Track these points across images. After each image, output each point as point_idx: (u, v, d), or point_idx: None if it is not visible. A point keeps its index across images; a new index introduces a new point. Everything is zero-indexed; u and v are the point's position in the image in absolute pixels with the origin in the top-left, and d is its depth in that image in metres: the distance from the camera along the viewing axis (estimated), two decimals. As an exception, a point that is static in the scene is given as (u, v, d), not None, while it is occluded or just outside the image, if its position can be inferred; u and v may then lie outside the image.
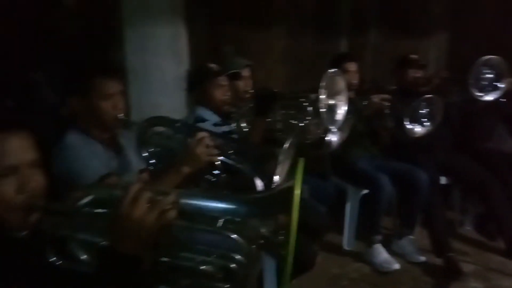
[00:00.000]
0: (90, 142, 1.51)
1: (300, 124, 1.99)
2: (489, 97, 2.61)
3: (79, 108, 1.50)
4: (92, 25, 2.36)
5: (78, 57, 1.66)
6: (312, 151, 2.11)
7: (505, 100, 2.77)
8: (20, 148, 0.92)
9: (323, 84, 1.88)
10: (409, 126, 2.54)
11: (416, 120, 2.58)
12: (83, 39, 2.33)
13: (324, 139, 2.30)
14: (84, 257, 0.97)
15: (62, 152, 1.45)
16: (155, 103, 2.34)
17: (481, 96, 2.59)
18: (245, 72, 2.48)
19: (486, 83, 2.60)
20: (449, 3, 3.69)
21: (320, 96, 1.87)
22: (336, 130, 2.30)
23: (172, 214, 0.83)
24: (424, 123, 2.58)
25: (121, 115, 1.52)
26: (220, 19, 3.07)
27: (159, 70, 2.34)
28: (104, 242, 0.90)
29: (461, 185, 3.01)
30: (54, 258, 0.95)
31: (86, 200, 0.91)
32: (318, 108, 1.89)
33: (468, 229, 3.11)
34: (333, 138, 2.35)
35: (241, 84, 2.45)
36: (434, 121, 2.56)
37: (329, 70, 1.97)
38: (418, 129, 2.59)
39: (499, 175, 2.78)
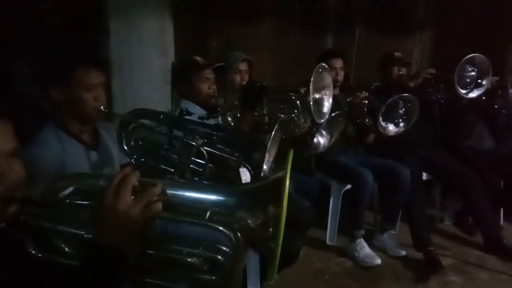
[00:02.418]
0: (66, 139, 1.47)
1: (287, 118, 1.99)
2: (473, 94, 2.67)
3: (59, 99, 1.46)
4: (77, 16, 2.30)
5: (61, 48, 1.61)
6: (299, 152, 2.11)
7: (485, 98, 2.85)
8: None
9: (312, 78, 1.88)
10: (383, 124, 2.56)
11: (391, 118, 2.60)
12: (67, 31, 2.27)
13: (312, 140, 2.30)
14: (66, 249, 0.95)
15: (33, 149, 1.41)
16: (139, 95, 2.30)
17: (465, 93, 2.64)
18: (243, 66, 2.46)
19: (469, 80, 2.65)
20: (433, 2, 3.74)
21: (310, 90, 1.88)
22: (325, 132, 2.32)
23: (158, 206, 0.81)
24: (399, 123, 2.61)
25: (102, 107, 1.48)
26: (207, 13, 3.04)
27: (144, 63, 2.31)
28: (87, 235, 0.88)
29: (441, 181, 3.07)
30: (35, 251, 0.93)
31: (67, 191, 0.89)
32: (306, 102, 1.89)
33: (447, 224, 3.19)
34: (321, 140, 2.36)
35: (237, 77, 2.43)
36: (409, 121, 2.59)
37: (318, 65, 1.97)
38: (391, 128, 2.62)
39: (478, 172, 2.85)
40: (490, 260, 2.70)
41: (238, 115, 2.17)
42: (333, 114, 2.27)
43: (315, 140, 2.35)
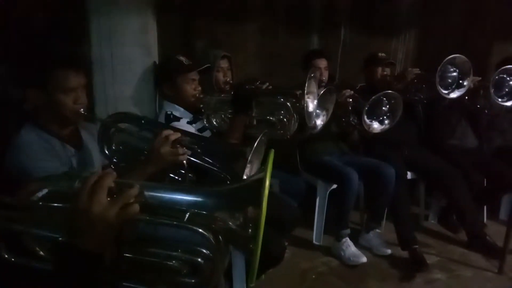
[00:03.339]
0: (48, 139, 1.44)
1: (275, 121, 1.99)
2: (454, 95, 2.69)
3: (38, 102, 1.42)
4: (57, 15, 2.25)
5: (39, 49, 1.57)
6: (297, 134, 2.13)
7: (468, 98, 2.89)
8: None
9: (305, 86, 1.92)
10: (367, 122, 2.58)
11: (376, 116, 2.62)
12: (46, 30, 2.21)
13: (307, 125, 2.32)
14: (41, 253, 0.92)
15: (15, 150, 1.37)
16: (122, 95, 2.25)
17: (447, 93, 2.67)
18: (223, 63, 2.44)
19: (451, 81, 2.68)
20: (417, 3, 3.78)
21: (305, 97, 1.93)
22: (319, 111, 2.33)
23: (135, 208, 0.79)
24: (384, 120, 2.63)
25: (82, 110, 1.45)
26: (191, 12, 3.01)
27: (127, 62, 2.25)
28: (62, 238, 0.85)
29: (425, 180, 3.10)
30: (8, 255, 0.90)
31: (41, 193, 0.86)
32: (298, 107, 1.90)
33: (432, 222, 3.23)
34: (318, 121, 2.37)
35: (220, 75, 2.41)
36: (393, 118, 2.61)
37: (311, 71, 2.01)
38: (376, 125, 2.64)
39: (462, 170, 2.88)
40: (473, 257, 2.74)
41: (223, 115, 2.15)
42: (322, 92, 2.29)
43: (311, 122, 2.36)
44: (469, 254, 2.77)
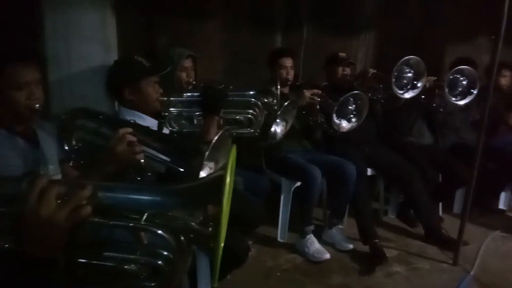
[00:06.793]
0: (7, 136, 1.36)
1: (243, 119, 1.99)
2: (408, 95, 2.79)
3: None
4: (6, 8, 2.12)
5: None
6: (257, 142, 2.13)
7: (424, 97, 3.00)
8: None
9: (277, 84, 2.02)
10: (336, 121, 2.64)
11: (343, 115, 2.68)
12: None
13: (269, 131, 2.34)
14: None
15: None
16: (79, 93, 2.16)
17: (402, 93, 2.77)
18: (187, 63, 2.38)
19: (406, 81, 2.77)
20: (376, 5, 3.89)
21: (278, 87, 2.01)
22: (279, 120, 2.36)
23: (87, 210, 0.75)
24: (351, 119, 2.70)
25: (37, 106, 1.38)
26: (152, 7, 2.94)
27: (84, 59, 2.16)
28: (9, 245, 0.79)
29: (384, 176, 3.20)
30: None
31: None
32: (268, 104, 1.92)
33: (391, 217, 3.33)
34: (278, 129, 2.39)
35: (183, 75, 2.35)
36: (360, 117, 2.69)
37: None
38: (344, 124, 2.70)
39: (419, 166, 3.00)
40: (430, 250, 2.85)
41: (187, 117, 2.09)
42: (285, 104, 2.31)
43: (272, 129, 2.37)
44: (426, 247, 2.88)
